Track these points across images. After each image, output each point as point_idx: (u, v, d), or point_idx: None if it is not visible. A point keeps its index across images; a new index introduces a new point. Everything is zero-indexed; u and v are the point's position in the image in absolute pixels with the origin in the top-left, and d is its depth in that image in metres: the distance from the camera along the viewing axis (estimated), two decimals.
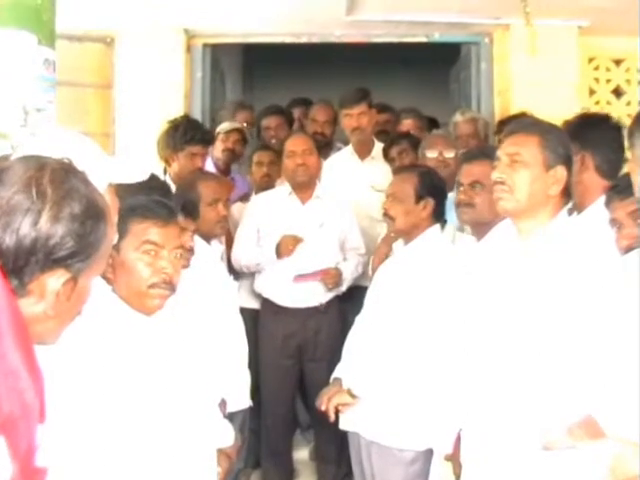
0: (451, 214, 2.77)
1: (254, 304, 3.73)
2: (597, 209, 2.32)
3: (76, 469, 1.56)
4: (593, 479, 1.66)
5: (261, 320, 3.70)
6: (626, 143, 1.75)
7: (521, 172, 1.98)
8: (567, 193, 2.02)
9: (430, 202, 2.71)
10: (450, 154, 3.43)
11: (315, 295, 3.63)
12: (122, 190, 1.69)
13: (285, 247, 3.56)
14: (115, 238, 1.66)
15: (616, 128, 2.62)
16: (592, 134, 2.18)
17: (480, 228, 2.54)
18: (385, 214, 2.79)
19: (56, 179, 1.09)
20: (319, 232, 3.66)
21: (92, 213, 1.11)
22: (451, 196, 2.78)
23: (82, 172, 1.15)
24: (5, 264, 1.05)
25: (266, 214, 3.70)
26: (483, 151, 2.74)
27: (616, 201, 2.18)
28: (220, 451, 2.16)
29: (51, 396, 1.32)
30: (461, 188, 2.59)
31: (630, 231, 2.12)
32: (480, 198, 2.52)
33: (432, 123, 4.91)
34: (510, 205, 1.99)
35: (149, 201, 1.88)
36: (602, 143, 2.39)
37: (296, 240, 3.57)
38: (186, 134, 3.38)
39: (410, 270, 2.68)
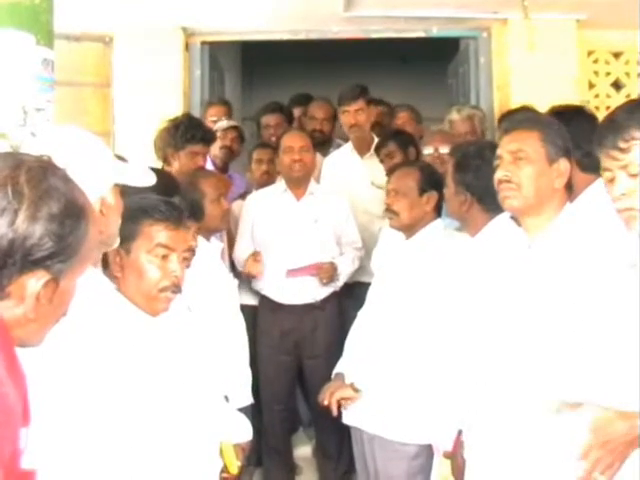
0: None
1: (253, 301, 3.74)
2: (585, 203, 2.28)
3: (75, 470, 1.56)
4: None
5: (259, 317, 3.69)
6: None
7: (525, 168, 1.96)
8: (569, 186, 2.00)
9: (434, 195, 2.71)
10: (445, 149, 3.37)
11: (311, 291, 3.62)
12: (130, 187, 1.69)
13: (250, 267, 3.59)
14: (117, 239, 1.67)
15: (591, 118, 2.58)
16: (568, 129, 2.12)
17: (465, 226, 2.54)
18: (388, 209, 2.77)
19: (33, 178, 1.05)
20: (314, 227, 3.66)
21: (71, 212, 1.07)
22: None
23: (61, 170, 1.11)
24: None
25: (261, 211, 3.71)
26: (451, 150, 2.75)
27: None
28: (236, 446, 2.18)
29: (50, 397, 1.32)
30: None
31: None
32: (446, 195, 2.55)
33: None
34: (518, 202, 1.96)
35: (160, 202, 1.87)
36: (579, 137, 2.27)
37: (256, 257, 3.59)
38: (187, 133, 3.35)
39: (413, 265, 2.67)
